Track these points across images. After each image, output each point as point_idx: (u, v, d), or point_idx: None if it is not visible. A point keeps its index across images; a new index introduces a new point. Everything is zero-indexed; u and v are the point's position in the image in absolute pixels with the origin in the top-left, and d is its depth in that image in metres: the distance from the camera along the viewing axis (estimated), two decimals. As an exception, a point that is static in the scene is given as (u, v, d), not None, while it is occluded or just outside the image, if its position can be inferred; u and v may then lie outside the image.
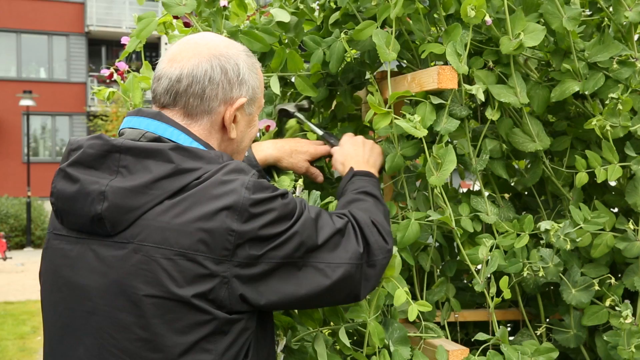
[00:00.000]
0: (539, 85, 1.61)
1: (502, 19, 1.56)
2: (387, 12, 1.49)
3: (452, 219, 1.50)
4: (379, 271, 1.27)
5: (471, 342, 1.67)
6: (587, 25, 1.69)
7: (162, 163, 1.09)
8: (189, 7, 1.55)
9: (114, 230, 1.08)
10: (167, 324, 1.06)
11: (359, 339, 1.49)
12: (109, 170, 1.11)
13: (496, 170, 1.63)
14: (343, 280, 1.17)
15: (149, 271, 1.06)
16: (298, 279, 1.13)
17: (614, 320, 1.51)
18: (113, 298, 1.08)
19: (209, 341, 1.07)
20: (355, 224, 1.24)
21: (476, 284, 1.52)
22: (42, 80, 21.78)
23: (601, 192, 1.73)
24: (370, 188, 1.42)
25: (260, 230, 1.08)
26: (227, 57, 1.19)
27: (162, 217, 1.07)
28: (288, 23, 1.71)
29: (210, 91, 1.17)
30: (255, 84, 1.24)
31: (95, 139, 1.14)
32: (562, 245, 1.49)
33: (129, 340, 1.07)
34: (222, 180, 1.09)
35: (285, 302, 1.15)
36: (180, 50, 1.20)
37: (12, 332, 7.21)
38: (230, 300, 1.08)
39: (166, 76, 1.18)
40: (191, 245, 1.06)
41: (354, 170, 1.48)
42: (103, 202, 1.08)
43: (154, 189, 1.08)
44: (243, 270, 1.08)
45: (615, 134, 1.54)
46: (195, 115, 1.18)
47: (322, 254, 1.16)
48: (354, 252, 1.20)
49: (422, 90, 1.51)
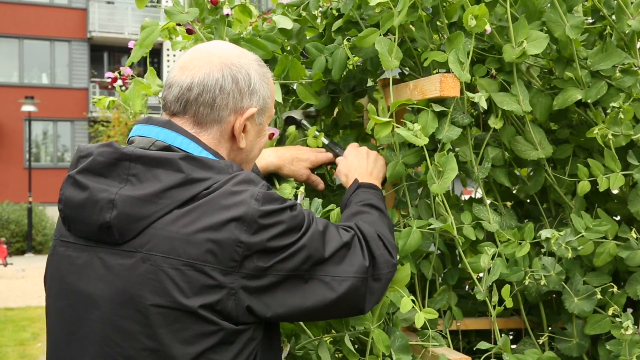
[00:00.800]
0: (542, 93, 1.61)
1: (505, 26, 1.56)
2: (391, 21, 1.49)
3: (454, 227, 1.50)
4: (384, 285, 1.26)
5: (473, 350, 1.66)
6: (589, 34, 1.69)
7: (172, 172, 1.09)
8: (192, 15, 1.56)
9: (122, 238, 1.08)
10: (174, 334, 1.05)
11: (361, 348, 1.49)
12: (118, 179, 1.10)
13: (498, 178, 1.62)
14: (348, 294, 1.17)
15: (156, 281, 1.06)
16: (304, 292, 1.13)
17: (616, 331, 1.50)
18: (119, 307, 1.08)
19: (215, 351, 1.07)
20: (362, 238, 1.24)
21: (478, 292, 1.51)
22: (44, 86, 21.82)
23: (603, 201, 1.73)
24: (375, 201, 1.42)
25: (268, 242, 1.08)
26: (238, 66, 1.20)
27: (171, 226, 1.07)
28: (290, 30, 1.71)
29: (220, 100, 1.18)
30: (266, 94, 1.24)
31: (106, 146, 1.14)
32: (563, 253, 1.49)
33: (135, 349, 1.07)
34: (231, 191, 1.09)
35: (291, 315, 1.14)
36: (192, 59, 1.20)
37: (13, 339, 7.20)
38: (237, 312, 1.08)
39: (177, 84, 1.18)
40: (199, 255, 1.05)
41: (358, 182, 1.48)
42: (112, 210, 1.08)
43: (164, 198, 1.08)
44: (250, 282, 1.08)
45: (617, 143, 1.54)
46: (205, 124, 1.19)
47: (328, 267, 1.16)
48: (360, 265, 1.20)
49: (424, 98, 1.51)
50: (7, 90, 21.00)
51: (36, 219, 16.37)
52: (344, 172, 1.55)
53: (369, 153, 1.58)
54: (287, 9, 1.78)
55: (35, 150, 21.71)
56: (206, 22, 1.62)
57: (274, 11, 1.78)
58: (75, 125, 21.98)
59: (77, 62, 22.19)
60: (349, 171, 1.54)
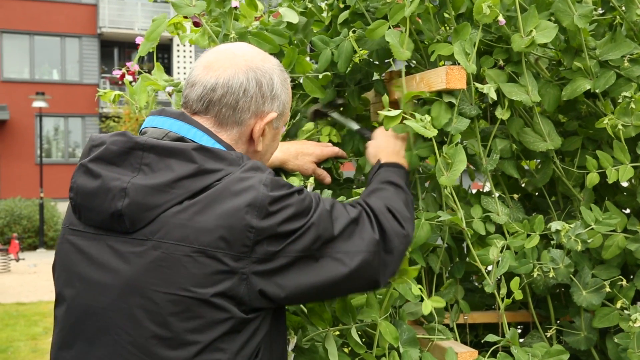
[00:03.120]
0: (550, 84, 1.60)
1: (512, 17, 1.55)
2: (401, 12, 1.48)
3: (462, 220, 1.49)
4: (398, 257, 1.26)
5: (481, 344, 1.66)
6: (599, 24, 1.67)
7: (185, 163, 1.10)
8: (199, 8, 1.55)
9: (133, 227, 1.09)
10: (184, 322, 1.06)
11: (368, 341, 1.48)
12: (131, 168, 1.11)
13: (507, 170, 1.61)
14: (361, 268, 1.18)
15: (167, 268, 1.06)
16: (316, 270, 1.14)
17: (624, 324, 1.49)
18: (129, 294, 1.08)
19: (223, 340, 1.07)
20: (370, 212, 1.25)
21: (486, 285, 1.51)
22: (55, 82, 21.91)
23: (612, 193, 1.72)
24: (394, 178, 1.42)
25: (279, 227, 1.09)
26: (263, 70, 1.21)
27: (182, 214, 1.08)
28: (297, 24, 1.71)
29: (243, 103, 1.19)
30: (286, 100, 1.27)
31: (119, 135, 1.14)
32: (572, 246, 1.48)
33: (144, 337, 1.07)
34: (240, 177, 1.10)
35: (305, 293, 1.15)
36: (217, 59, 1.21)
37: (25, 333, 7.25)
38: (249, 297, 1.08)
39: (201, 83, 1.19)
40: (211, 242, 1.06)
41: (380, 162, 1.49)
42: (124, 199, 1.08)
43: (176, 188, 1.09)
44: (261, 266, 1.09)
45: (627, 134, 1.52)
46: (225, 125, 1.20)
47: (338, 244, 1.16)
48: (370, 239, 1.20)
49: (431, 90, 1.50)
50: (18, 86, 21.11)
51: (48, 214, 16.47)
52: (373, 154, 1.55)
53: (396, 135, 1.57)
54: (293, 2, 1.78)
55: (47, 146, 21.82)
56: (213, 14, 1.62)
57: (281, 4, 1.78)
58: (87, 121, 22.07)
59: (88, 58, 22.27)
60: (378, 152, 1.54)
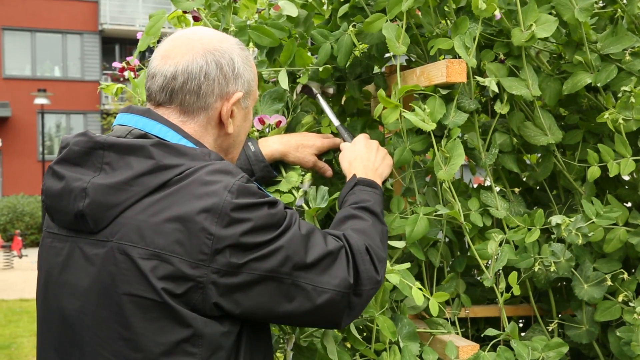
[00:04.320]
0: (551, 77, 1.59)
1: (513, 10, 1.54)
2: (399, 6, 1.48)
3: (460, 214, 1.49)
4: (365, 301, 1.21)
5: (482, 338, 1.65)
6: (600, 18, 1.66)
7: (143, 159, 1.08)
8: (198, 2, 1.55)
9: (96, 227, 1.08)
10: (146, 323, 1.04)
11: (368, 335, 1.48)
12: (93, 167, 1.10)
13: (507, 164, 1.61)
14: (326, 306, 1.13)
15: (127, 269, 1.05)
16: (279, 297, 1.10)
17: (628, 316, 1.49)
18: (97, 297, 1.07)
19: (192, 344, 1.05)
20: (349, 250, 1.19)
21: (485, 279, 1.50)
22: (56, 79, 21.94)
23: (614, 186, 1.71)
24: (371, 203, 1.36)
25: (241, 237, 1.05)
26: (221, 51, 1.18)
27: (140, 215, 1.06)
28: (297, 17, 1.70)
29: (206, 87, 1.16)
30: (250, 77, 1.23)
31: (81, 136, 1.13)
32: (574, 239, 1.47)
33: (112, 339, 1.06)
34: (205, 181, 1.07)
35: (259, 315, 1.11)
36: (174, 47, 1.18)
37: (28, 329, 7.26)
38: (203, 305, 1.05)
39: (161, 73, 1.16)
40: (166, 245, 1.04)
41: (357, 178, 1.43)
42: (85, 199, 1.08)
43: (134, 185, 1.07)
44: (222, 279, 1.05)
45: (628, 127, 1.52)
46: (192, 112, 1.17)
47: (309, 275, 1.12)
48: (343, 279, 1.15)
49: (431, 84, 1.50)
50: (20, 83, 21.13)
51: (50, 211, 16.45)
52: (348, 159, 1.50)
53: (379, 148, 1.53)
54: (293, -5, 1.77)
55: (49, 142, 21.85)
56: (212, 9, 1.62)
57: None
58: (88, 118, 22.09)
59: (89, 54, 22.28)
60: (355, 159, 1.49)
